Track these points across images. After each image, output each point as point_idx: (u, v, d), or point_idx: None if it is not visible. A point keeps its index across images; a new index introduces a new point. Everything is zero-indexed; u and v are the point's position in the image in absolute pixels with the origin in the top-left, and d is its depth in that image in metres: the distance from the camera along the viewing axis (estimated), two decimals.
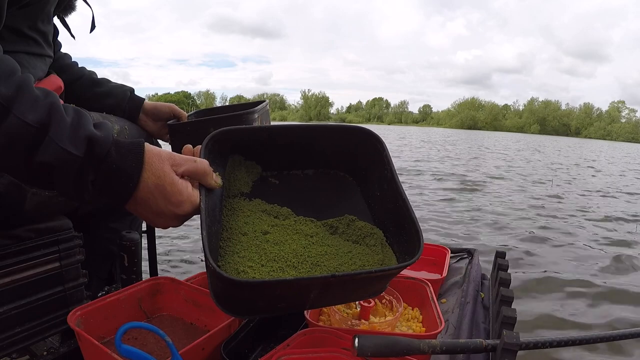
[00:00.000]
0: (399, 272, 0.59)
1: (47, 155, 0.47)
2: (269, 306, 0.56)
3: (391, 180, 0.64)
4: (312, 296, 0.55)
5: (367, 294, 0.66)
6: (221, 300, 0.55)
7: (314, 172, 0.72)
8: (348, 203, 0.70)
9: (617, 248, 3.36)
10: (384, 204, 0.66)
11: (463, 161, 10.85)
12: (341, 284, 0.54)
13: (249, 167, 0.69)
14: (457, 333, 0.92)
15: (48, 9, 0.80)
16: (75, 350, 0.81)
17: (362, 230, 0.66)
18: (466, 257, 1.40)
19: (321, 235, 0.65)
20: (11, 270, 0.73)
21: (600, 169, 11.05)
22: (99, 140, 0.50)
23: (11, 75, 0.47)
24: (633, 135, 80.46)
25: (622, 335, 0.73)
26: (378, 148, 0.67)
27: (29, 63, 0.77)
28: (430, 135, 34.11)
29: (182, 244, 2.92)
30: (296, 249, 0.61)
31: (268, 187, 0.70)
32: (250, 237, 0.60)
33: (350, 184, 0.72)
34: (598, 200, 5.76)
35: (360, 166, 0.70)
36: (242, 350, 0.81)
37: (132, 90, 1.10)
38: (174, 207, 0.54)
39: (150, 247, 1.27)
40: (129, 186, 0.51)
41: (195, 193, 0.56)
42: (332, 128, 0.69)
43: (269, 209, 0.66)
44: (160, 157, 0.53)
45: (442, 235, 3.47)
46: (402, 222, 0.61)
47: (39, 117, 0.47)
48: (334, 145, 0.69)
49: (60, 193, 0.52)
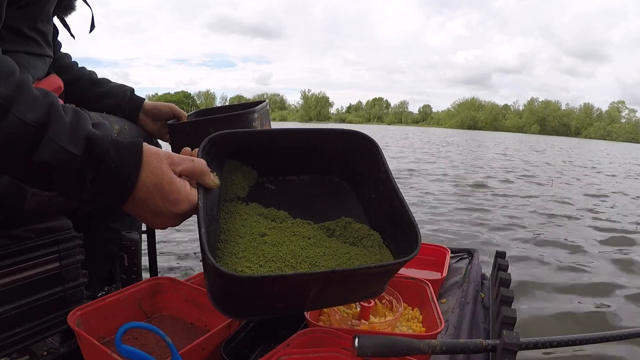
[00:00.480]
0: (398, 268, 0.59)
1: (46, 154, 0.47)
2: (268, 306, 0.56)
3: (387, 181, 0.64)
4: (312, 295, 0.55)
5: (366, 294, 0.66)
6: (219, 301, 0.55)
7: (310, 178, 0.73)
8: (344, 207, 0.70)
9: (620, 248, 3.37)
10: (380, 205, 0.66)
11: (464, 161, 10.85)
12: (340, 282, 0.54)
13: (246, 172, 0.69)
14: (457, 333, 0.92)
15: (47, 9, 0.80)
16: (75, 350, 0.81)
17: (359, 232, 0.66)
18: (466, 257, 1.40)
19: (318, 237, 0.65)
20: (11, 270, 0.73)
21: (602, 170, 11.05)
22: (97, 139, 0.50)
23: (10, 76, 0.47)
24: (633, 135, 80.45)
25: (622, 335, 0.73)
26: (373, 151, 0.67)
27: (28, 63, 0.77)
28: (431, 135, 34.13)
29: (182, 244, 2.92)
30: (294, 250, 0.61)
31: (264, 192, 0.70)
32: (247, 239, 0.60)
33: (346, 189, 0.73)
34: (598, 201, 5.76)
35: (355, 169, 0.71)
36: (242, 350, 0.81)
37: (132, 90, 1.10)
38: (172, 206, 0.54)
39: (150, 247, 1.27)
40: (127, 185, 0.51)
41: (193, 192, 0.56)
42: (326, 132, 0.69)
43: (266, 213, 0.67)
44: (159, 157, 0.53)
45: (442, 235, 3.47)
46: (398, 222, 0.62)
47: (38, 116, 0.47)
48: (328, 149, 0.70)
49: (60, 193, 0.52)
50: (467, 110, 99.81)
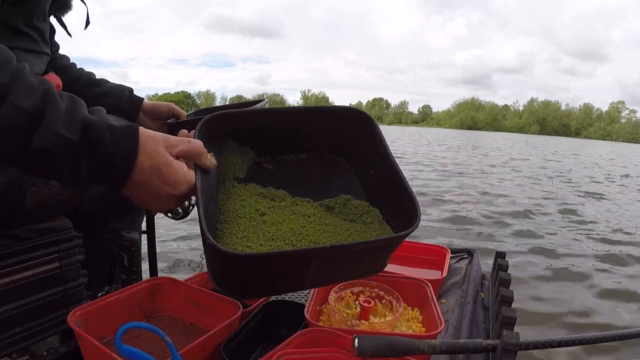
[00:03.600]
0: (397, 242, 0.58)
1: (43, 140, 0.48)
2: (269, 284, 0.55)
3: (385, 157, 0.64)
4: (312, 271, 0.54)
5: (368, 269, 0.64)
6: (220, 280, 0.55)
7: (308, 157, 0.72)
8: (343, 184, 0.70)
9: (619, 247, 3.37)
10: (378, 182, 0.66)
11: (464, 162, 10.85)
12: (341, 256, 0.54)
13: (243, 153, 0.69)
14: (457, 333, 0.92)
15: (43, 6, 0.81)
16: (75, 350, 0.81)
17: (358, 209, 0.66)
18: (466, 257, 1.40)
19: (318, 215, 0.65)
20: (11, 270, 0.73)
21: (604, 170, 11.03)
22: (93, 124, 0.50)
23: (7, 64, 0.48)
24: (633, 135, 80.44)
25: (622, 335, 0.73)
26: (369, 127, 0.67)
27: (25, 59, 0.78)
28: (431, 135, 34.11)
29: (182, 244, 2.92)
30: (294, 228, 0.61)
31: (262, 172, 0.70)
32: (247, 219, 0.60)
33: (344, 166, 0.72)
34: (600, 201, 5.76)
35: (352, 146, 0.70)
36: (242, 350, 0.81)
37: (130, 90, 1.10)
38: (170, 188, 0.54)
39: (150, 247, 1.27)
40: (124, 169, 0.51)
41: (191, 173, 0.56)
42: (322, 110, 0.69)
43: (264, 192, 0.67)
44: (155, 139, 0.54)
45: (442, 235, 3.47)
46: (397, 197, 0.61)
47: (34, 103, 0.48)
48: (325, 127, 0.69)
49: (56, 179, 0.52)
50: (467, 110, 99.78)
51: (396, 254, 1.37)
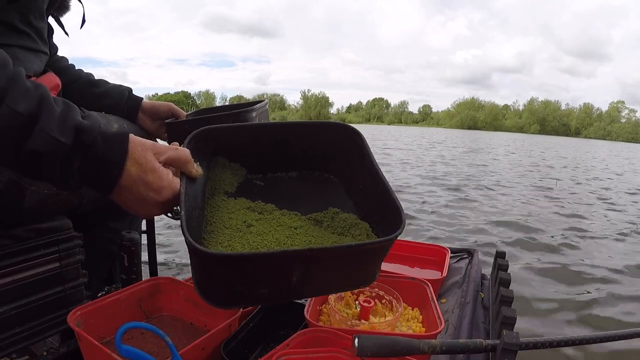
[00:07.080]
0: (380, 248, 0.57)
1: (36, 143, 0.49)
2: (250, 291, 0.55)
3: (371, 169, 0.65)
4: (295, 279, 0.54)
5: (357, 280, 0.62)
6: (202, 288, 0.55)
7: (298, 174, 0.74)
8: (333, 200, 0.70)
9: (620, 247, 3.37)
10: (367, 195, 0.67)
11: (464, 162, 10.85)
12: (322, 262, 0.53)
13: (234, 169, 0.70)
14: (457, 333, 0.92)
15: (40, 5, 0.81)
16: (75, 350, 0.81)
17: (346, 222, 0.66)
18: (466, 257, 1.40)
19: (305, 227, 0.65)
20: (11, 270, 0.73)
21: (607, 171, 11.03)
22: (86, 129, 0.52)
23: (3, 68, 0.49)
24: (633, 135, 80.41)
25: (622, 335, 0.73)
26: (356, 141, 0.68)
27: (24, 57, 0.79)
28: (432, 135, 34.10)
29: (182, 244, 2.91)
30: (279, 238, 0.61)
31: (253, 188, 0.71)
32: (234, 229, 0.61)
33: (334, 183, 0.73)
34: (600, 201, 5.76)
35: (341, 161, 0.71)
36: (242, 350, 0.81)
37: (130, 90, 1.10)
38: (155, 194, 0.56)
39: (150, 247, 1.27)
40: (113, 174, 0.53)
41: (176, 180, 0.58)
42: (308, 125, 0.71)
43: (253, 206, 0.67)
44: (144, 146, 0.56)
45: (442, 235, 3.47)
46: (385, 208, 0.61)
47: (29, 107, 0.49)
48: (312, 142, 0.71)
49: (48, 180, 0.54)
50: (467, 110, 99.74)
51: (396, 254, 1.37)
